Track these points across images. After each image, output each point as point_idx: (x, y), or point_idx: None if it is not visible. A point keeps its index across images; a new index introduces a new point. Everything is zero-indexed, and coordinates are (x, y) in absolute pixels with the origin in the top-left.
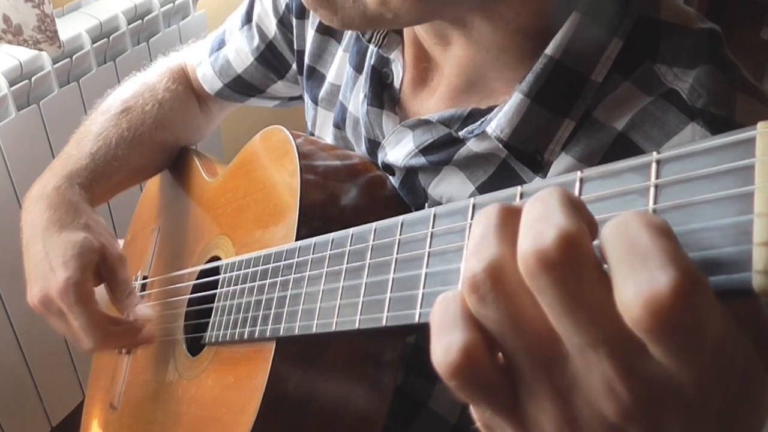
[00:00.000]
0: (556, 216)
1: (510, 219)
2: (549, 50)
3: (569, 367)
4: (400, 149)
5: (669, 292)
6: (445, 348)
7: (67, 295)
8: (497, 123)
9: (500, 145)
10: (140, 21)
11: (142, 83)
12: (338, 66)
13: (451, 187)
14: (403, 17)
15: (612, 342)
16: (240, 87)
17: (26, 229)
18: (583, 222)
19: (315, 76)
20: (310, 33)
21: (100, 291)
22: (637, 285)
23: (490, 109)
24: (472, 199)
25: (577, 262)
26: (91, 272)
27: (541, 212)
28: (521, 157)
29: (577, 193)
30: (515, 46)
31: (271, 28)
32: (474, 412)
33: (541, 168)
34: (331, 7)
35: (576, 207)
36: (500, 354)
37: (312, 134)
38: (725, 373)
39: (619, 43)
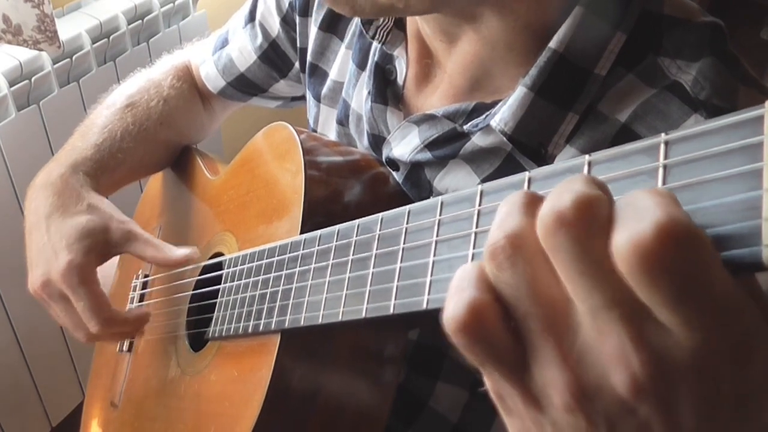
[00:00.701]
0: (577, 185)
1: (535, 201)
2: (553, 44)
3: (580, 337)
4: (405, 145)
5: (652, 229)
6: (453, 304)
7: (70, 276)
8: (501, 116)
9: (504, 139)
10: (140, 21)
11: (147, 79)
12: (341, 63)
13: (456, 179)
14: (414, 6)
15: (625, 303)
16: (243, 86)
17: (29, 217)
18: (603, 192)
19: (317, 74)
20: (313, 30)
21: (105, 278)
22: (627, 230)
23: (494, 104)
24: (479, 186)
25: (593, 222)
26: (95, 255)
27: (563, 187)
28: (525, 150)
29: None
30: (522, 43)
31: (275, 26)
32: (485, 378)
33: (545, 161)
34: None
35: (599, 183)
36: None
37: (315, 131)
38: (740, 348)
39: (622, 37)
